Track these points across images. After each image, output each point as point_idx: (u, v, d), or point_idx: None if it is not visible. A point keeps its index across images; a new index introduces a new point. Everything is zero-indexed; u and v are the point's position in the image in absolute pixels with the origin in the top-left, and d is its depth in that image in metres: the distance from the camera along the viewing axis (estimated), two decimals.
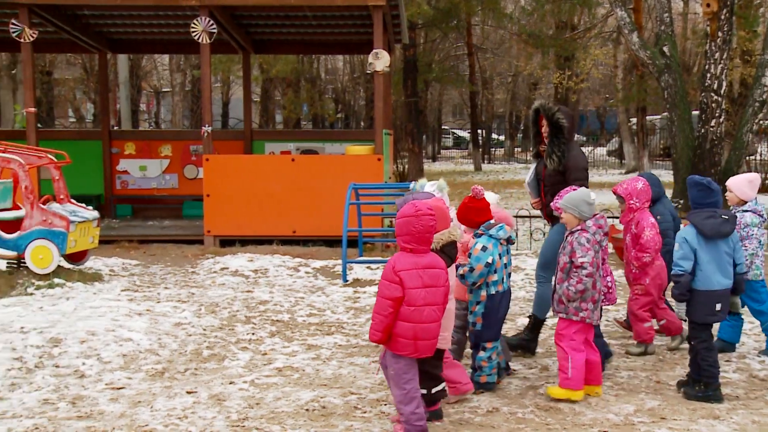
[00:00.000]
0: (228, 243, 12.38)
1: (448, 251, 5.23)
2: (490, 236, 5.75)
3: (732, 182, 6.85)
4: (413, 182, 6.28)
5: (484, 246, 5.71)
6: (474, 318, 5.85)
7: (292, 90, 30.83)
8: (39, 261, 9.16)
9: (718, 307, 5.69)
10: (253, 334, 7.48)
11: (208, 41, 12.24)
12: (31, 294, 8.85)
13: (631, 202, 6.83)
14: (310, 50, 21.15)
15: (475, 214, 5.81)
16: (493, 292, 5.79)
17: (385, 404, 5.60)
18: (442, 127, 52.06)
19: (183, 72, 35.00)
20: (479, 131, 36.63)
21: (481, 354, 5.85)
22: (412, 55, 23.56)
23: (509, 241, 5.89)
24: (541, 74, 32.15)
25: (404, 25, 15.22)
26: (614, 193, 7.07)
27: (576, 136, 37.29)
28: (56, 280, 9.15)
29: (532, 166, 7.07)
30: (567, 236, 5.79)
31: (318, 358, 6.74)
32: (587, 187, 6.14)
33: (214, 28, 12.23)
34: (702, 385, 5.73)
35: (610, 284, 6.26)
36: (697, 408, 5.55)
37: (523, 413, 5.46)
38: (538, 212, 7.43)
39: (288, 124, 32.60)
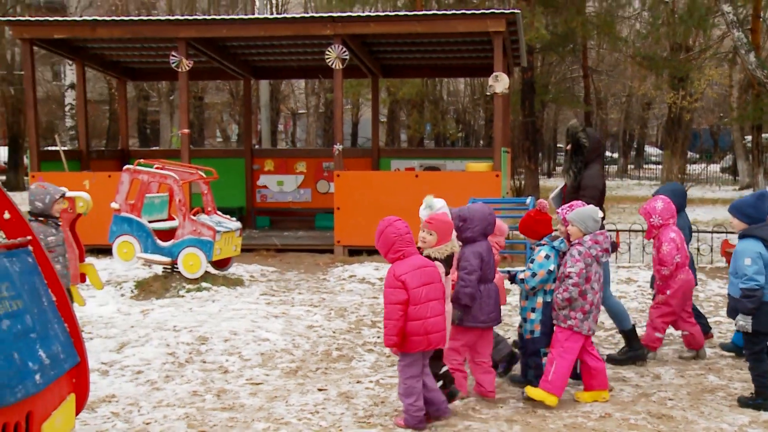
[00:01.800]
0: (356, 252, 12.52)
1: (449, 261, 5.36)
2: (553, 247, 5.73)
3: None
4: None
5: (547, 254, 5.69)
6: (532, 326, 5.77)
7: (416, 111, 30.92)
8: (189, 266, 9.49)
9: None
10: (378, 337, 7.52)
11: (341, 67, 12.46)
12: (182, 296, 9.20)
13: (651, 220, 6.63)
14: (434, 74, 21.20)
15: (541, 226, 5.83)
16: (549, 300, 5.72)
17: (502, 407, 5.52)
18: (558, 145, 51.04)
19: (317, 95, 35.72)
20: None
21: (545, 360, 5.75)
22: (530, 77, 23.20)
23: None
24: (654, 95, 31.00)
25: (523, 49, 15.04)
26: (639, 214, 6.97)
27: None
28: (204, 284, 9.47)
29: (562, 182, 7.07)
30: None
31: None
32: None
33: (346, 55, 12.44)
34: (753, 393, 5.56)
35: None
36: None
37: (636, 419, 5.27)
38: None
39: (412, 143, 32.72)
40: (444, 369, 5.44)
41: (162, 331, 7.52)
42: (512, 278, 5.86)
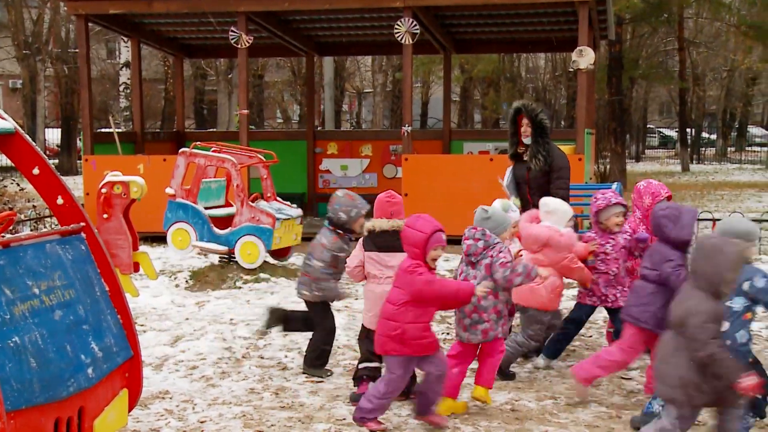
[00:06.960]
0: None
1: (388, 237, 5.85)
2: None
3: None
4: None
5: None
6: None
7: (492, 89, 30.71)
8: (247, 256, 9.62)
9: None
10: (447, 333, 7.50)
11: (411, 42, 12.42)
12: (240, 287, 9.35)
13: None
14: (512, 49, 21.00)
15: None
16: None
17: (582, 410, 5.46)
18: (648, 126, 49.97)
19: (384, 73, 35.78)
20: (688, 130, 34.81)
21: None
22: (618, 51, 22.76)
23: None
24: (761, 68, 30.08)
25: (611, 20, 14.76)
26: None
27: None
28: (262, 275, 9.59)
29: (509, 169, 7.15)
30: None
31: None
32: (568, 186, 6.74)
33: (417, 29, 12.39)
34: None
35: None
36: None
37: None
38: None
39: (486, 124, 32.52)
40: (365, 365, 5.69)
41: (218, 325, 7.67)
42: None
